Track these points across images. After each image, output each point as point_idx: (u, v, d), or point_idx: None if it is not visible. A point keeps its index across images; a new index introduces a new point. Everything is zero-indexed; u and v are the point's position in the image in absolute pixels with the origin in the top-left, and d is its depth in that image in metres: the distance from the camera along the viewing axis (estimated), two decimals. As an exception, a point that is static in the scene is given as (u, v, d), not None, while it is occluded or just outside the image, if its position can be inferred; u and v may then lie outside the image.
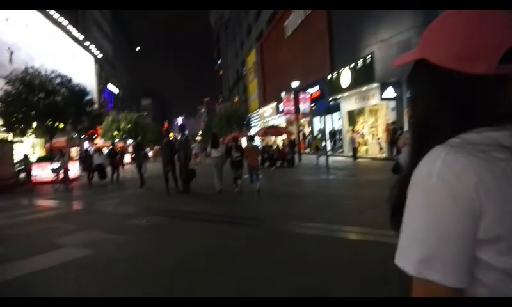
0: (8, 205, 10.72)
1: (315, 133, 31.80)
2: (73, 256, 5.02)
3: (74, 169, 18.98)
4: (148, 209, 8.67)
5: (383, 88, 17.93)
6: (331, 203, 8.19)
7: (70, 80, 19.79)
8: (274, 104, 39.23)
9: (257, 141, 17.33)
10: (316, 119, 31.05)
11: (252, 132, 41.63)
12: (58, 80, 19.17)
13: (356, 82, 20.43)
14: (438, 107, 0.71)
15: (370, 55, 19.10)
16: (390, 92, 17.86)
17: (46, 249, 5.41)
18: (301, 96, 23.80)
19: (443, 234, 0.61)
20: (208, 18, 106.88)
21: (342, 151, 25.06)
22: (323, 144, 29.23)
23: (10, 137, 19.96)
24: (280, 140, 34.70)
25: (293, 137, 23.69)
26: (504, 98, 0.68)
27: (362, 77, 19.66)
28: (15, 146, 27.28)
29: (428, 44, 0.73)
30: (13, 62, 23.25)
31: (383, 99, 18.25)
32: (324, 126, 18.55)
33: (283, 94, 25.05)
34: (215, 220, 6.95)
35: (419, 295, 0.64)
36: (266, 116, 43.62)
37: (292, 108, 23.29)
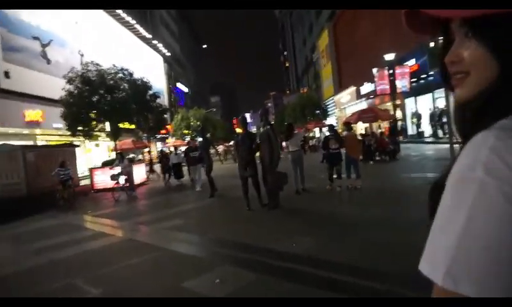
0: (41, 228, 8.55)
1: (408, 117, 26.65)
2: None
3: (140, 173, 17.02)
4: (222, 244, 5.49)
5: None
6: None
7: (131, 74, 17.81)
8: (352, 89, 34.53)
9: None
10: (409, 101, 25.92)
11: (329, 121, 37.45)
12: (119, 75, 17.25)
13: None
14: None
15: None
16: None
17: None
18: (399, 70, 19.16)
19: (489, 240, 0.46)
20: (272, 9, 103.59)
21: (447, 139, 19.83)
22: (427, 129, 24.20)
23: (79, 141, 18.79)
24: (360, 128, 29.89)
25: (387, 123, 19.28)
26: None
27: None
28: (92, 150, 27.24)
29: None
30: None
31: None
32: (447, 105, 13.86)
33: (375, 70, 20.61)
34: (350, 286, 3.49)
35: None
36: (343, 102, 39.01)
37: (388, 86, 18.81)
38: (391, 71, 17.40)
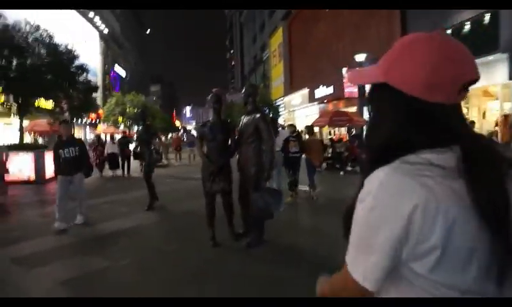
0: None
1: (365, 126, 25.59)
2: None
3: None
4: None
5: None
6: None
7: (51, 37, 13.80)
8: (305, 91, 32.94)
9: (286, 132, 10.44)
10: (366, 109, 24.82)
11: (280, 121, 35.50)
12: (34, 36, 13.18)
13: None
14: (396, 130, 0.73)
15: (489, 15, 12.86)
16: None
17: None
18: (368, 74, 17.48)
19: (370, 247, 0.70)
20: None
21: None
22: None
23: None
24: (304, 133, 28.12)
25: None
26: (454, 122, 0.72)
27: (474, 44, 13.26)
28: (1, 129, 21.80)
29: (394, 70, 0.73)
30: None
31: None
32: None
33: (344, 70, 18.81)
34: None
35: (343, 283, 0.77)
36: (294, 104, 37.39)
37: (356, 89, 17.15)
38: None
